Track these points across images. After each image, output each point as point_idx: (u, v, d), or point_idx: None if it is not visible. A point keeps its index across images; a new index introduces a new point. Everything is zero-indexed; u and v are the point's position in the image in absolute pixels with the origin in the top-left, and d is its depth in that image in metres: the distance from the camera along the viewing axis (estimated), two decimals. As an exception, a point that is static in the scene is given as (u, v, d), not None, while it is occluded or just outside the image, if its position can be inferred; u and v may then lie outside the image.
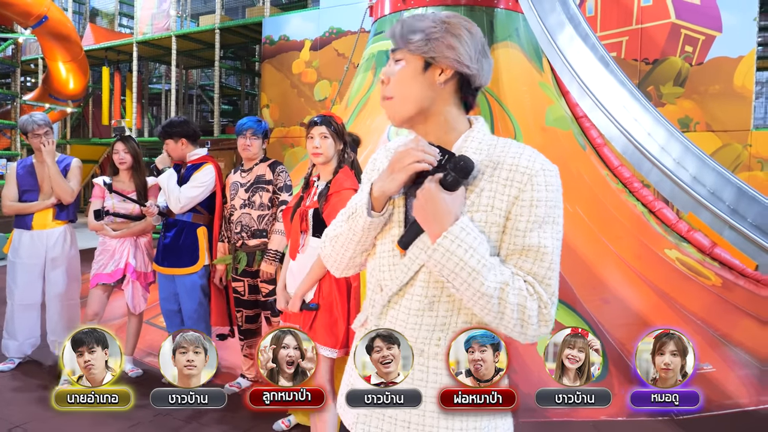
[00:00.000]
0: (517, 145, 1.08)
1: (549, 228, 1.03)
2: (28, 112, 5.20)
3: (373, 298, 1.15)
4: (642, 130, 3.92)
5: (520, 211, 1.03)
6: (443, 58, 1.07)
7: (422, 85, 1.09)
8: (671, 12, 6.26)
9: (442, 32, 1.07)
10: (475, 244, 1.00)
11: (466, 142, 1.09)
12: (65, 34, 9.43)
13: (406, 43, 1.09)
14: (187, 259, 3.24)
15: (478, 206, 1.04)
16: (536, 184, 1.02)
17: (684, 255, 4.89)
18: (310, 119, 2.43)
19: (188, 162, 3.34)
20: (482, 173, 1.06)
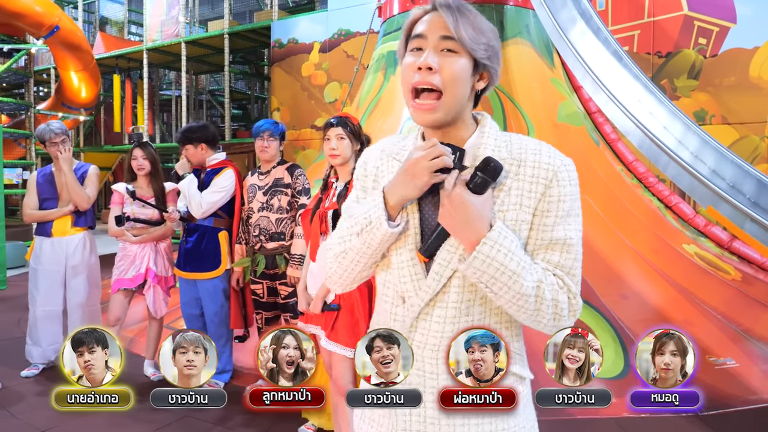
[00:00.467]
0: (533, 142, 1.07)
1: (573, 220, 1.04)
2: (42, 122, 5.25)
3: (394, 312, 1.08)
4: (658, 124, 3.88)
5: (547, 207, 1.03)
6: (492, 67, 1.06)
7: (468, 86, 1.05)
8: (684, 4, 6.19)
9: (497, 41, 1.06)
10: (513, 247, 0.98)
11: (482, 138, 1.07)
12: (76, 43, 9.52)
13: (472, 40, 1.02)
14: (210, 264, 3.27)
15: (508, 205, 1.03)
16: (561, 179, 1.03)
17: (702, 249, 4.83)
18: (326, 121, 2.43)
19: (207, 167, 3.36)
20: (508, 171, 1.04)
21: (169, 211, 3.28)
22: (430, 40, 1.03)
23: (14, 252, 6.85)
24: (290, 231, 3.08)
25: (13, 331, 4.36)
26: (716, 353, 3.30)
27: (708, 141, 3.63)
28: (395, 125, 5.22)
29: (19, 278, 5.96)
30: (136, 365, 3.69)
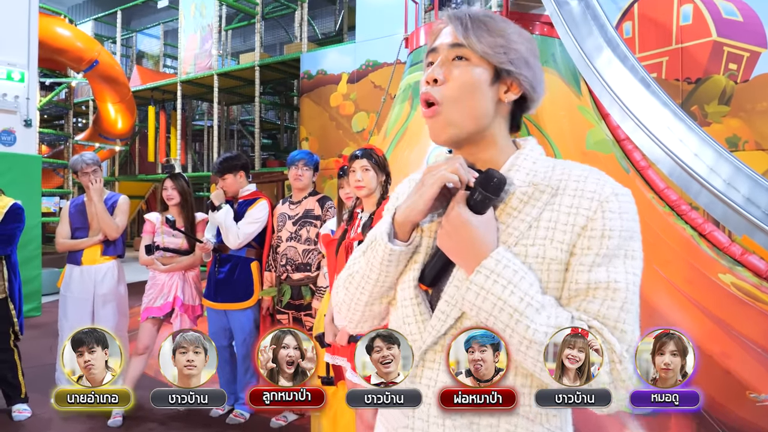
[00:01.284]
0: (580, 167, 0.91)
1: (621, 262, 0.85)
2: (80, 152, 5.43)
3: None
4: (688, 151, 3.81)
5: (588, 243, 0.86)
6: (519, 74, 0.91)
7: (487, 98, 0.91)
8: (712, 30, 6.13)
9: (524, 44, 0.92)
10: (516, 279, 0.84)
11: (518, 160, 0.93)
12: (114, 76, 9.91)
13: (482, 43, 0.90)
14: (243, 294, 3.30)
15: (534, 239, 0.87)
16: (608, 211, 0.85)
17: (739, 279, 4.68)
18: (351, 153, 2.46)
19: (240, 197, 3.40)
20: (537, 200, 0.89)
21: (204, 241, 3.34)
22: (440, 51, 0.93)
23: (50, 279, 7.03)
24: (317, 262, 3.10)
25: (45, 358, 4.44)
26: (757, 389, 3.16)
27: (741, 168, 3.54)
28: (422, 155, 5.25)
29: (53, 305, 6.09)
30: (148, 386, 3.70)
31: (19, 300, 3.40)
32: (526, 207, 0.89)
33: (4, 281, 3.31)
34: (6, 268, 3.33)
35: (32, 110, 6.21)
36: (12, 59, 6.01)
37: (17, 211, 3.33)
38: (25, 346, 3.59)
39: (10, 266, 3.35)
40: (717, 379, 3.24)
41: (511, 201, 0.90)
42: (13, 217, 3.30)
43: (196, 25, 11.06)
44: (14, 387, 3.41)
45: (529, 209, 0.89)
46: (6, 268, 3.33)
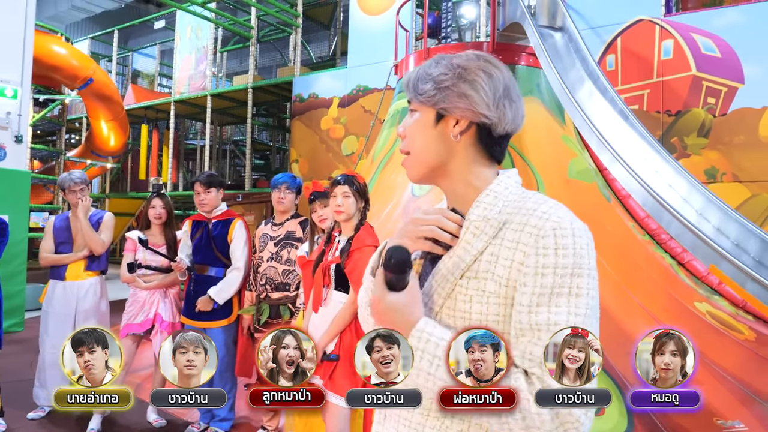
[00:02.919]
0: (535, 201, 0.92)
1: (565, 301, 0.85)
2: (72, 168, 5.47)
3: None
4: (663, 182, 3.93)
5: (524, 280, 0.86)
6: (454, 108, 0.95)
7: (435, 138, 0.97)
8: (692, 65, 6.32)
9: (453, 79, 0.96)
10: (439, 352, 0.87)
11: (482, 195, 0.96)
12: (108, 95, 10.01)
13: (416, 94, 0.99)
14: (221, 313, 3.33)
15: (476, 272, 0.91)
16: (542, 247, 0.86)
17: (715, 308, 4.76)
18: (333, 178, 2.54)
19: (213, 218, 3.44)
20: (485, 233, 0.92)
21: (177, 260, 3.37)
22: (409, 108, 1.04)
23: (34, 294, 7.00)
24: (296, 282, 3.16)
25: (25, 373, 4.43)
26: (724, 416, 3.22)
27: (712, 200, 3.66)
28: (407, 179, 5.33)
29: (36, 320, 6.06)
30: (141, 411, 3.72)
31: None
32: (475, 240, 0.92)
33: None
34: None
35: (24, 127, 6.28)
36: (6, 76, 6.10)
37: (1, 226, 3.36)
38: (5, 362, 3.60)
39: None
40: (685, 405, 3.30)
41: (466, 235, 0.94)
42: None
43: (191, 47, 11.22)
44: None
45: (476, 242, 0.92)
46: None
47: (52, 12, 19.98)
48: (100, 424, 3.39)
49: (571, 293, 0.85)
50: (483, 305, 0.90)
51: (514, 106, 0.97)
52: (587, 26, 6.84)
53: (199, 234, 3.45)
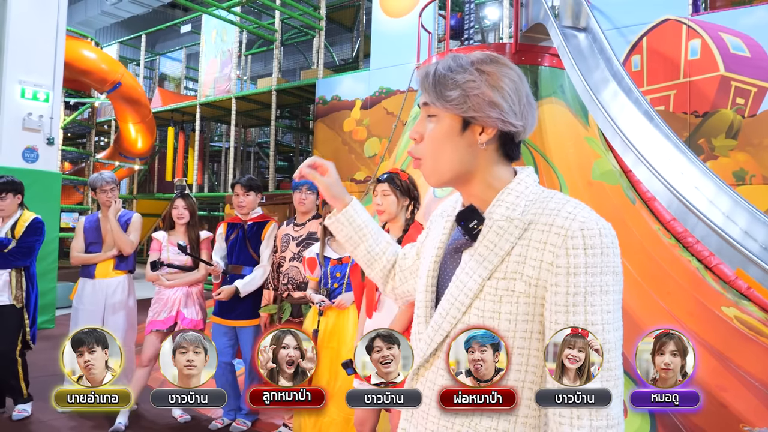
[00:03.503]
0: (558, 200, 0.94)
1: (598, 299, 0.87)
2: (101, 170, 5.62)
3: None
4: (689, 184, 3.87)
5: (556, 280, 0.89)
6: (486, 117, 0.95)
7: (460, 146, 0.97)
8: (720, 65, 6.21)
9: (482, 86, 0.95)
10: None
11: (502, 195, 0.97)
12: (136, 98, 10.22)
13: (440, 99, 0.96)
14: (252, 312, 3.44)
15: (505, 272, 0.93)
16: (571, 247, 0.88)
17: (743, 313, 4.66)
18: (378, 177, 2.47)
19: (249, 220, 3.58)
20: (511, 234, 0.93)
21: (214, 264, 3.46)
22: (422, 109, 1.02)
23: (64, 292, 7.20)
24: None
25: (56, 368, 4.56)
26: (751, 422, 3.16)
27: (740, 202, 3.59)
28: (429, 180, 5.34)
29: (66, 318, 6.23)
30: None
31: (34, 311, 3.54)
32: (500, 241, 0.94)
33: (22, 291, 3.47)
34: (24, 279, 3.48)
35: (55, 129, 6.46)
36: (38, 80, 6.28)
37: (38, 225, 3.51)
38: (37, 357, 3.71)
39: (28, 277, 3.51)
40: (711, 411, 3.24)
41: (489, 234, 0.95)
42: (34, 230, 3.49)
43: (216, 50, 11.39)
44: (17, 390, 3.56)
45: (502, 243, 0.93)
46: (24, 279, 3.48)
47: (82, 17, 20.47)
48: (128, 419, 3.47)
49: (602, 291, 0.87)
50: (513, 305, 0.92)
51: (533, 111, 0.99)
52: (612, 26, 6.77)
53: (234, 235, 3.58)
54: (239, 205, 3.55)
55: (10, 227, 3.49)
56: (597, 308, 0.87)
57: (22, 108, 6.17)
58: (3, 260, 3.43)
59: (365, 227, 1.25)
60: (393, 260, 1.28)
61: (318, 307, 2.76)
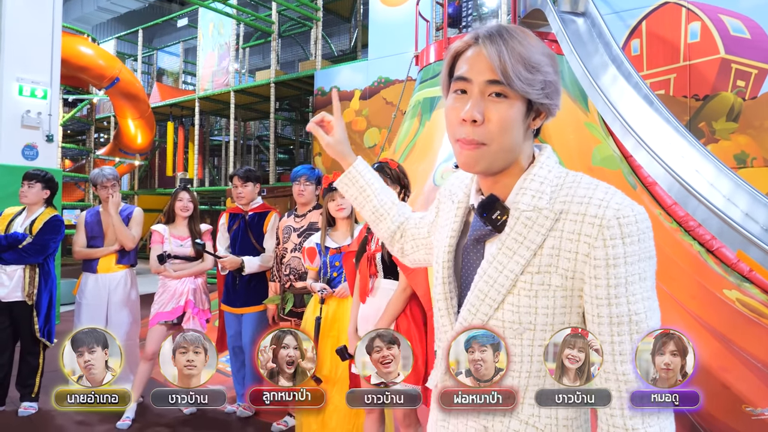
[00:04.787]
0: (586, 186, 0.89)
1: (637, 288, 0.86)
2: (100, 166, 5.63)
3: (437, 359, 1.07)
4: (689, 168, 3.86)
5: (595, 272, 0.86)
6: (553, 105, 0.91)
7: (521, 131, 0.91)
8: (720, 47, 6.17)
9: (554, 74, 0.90)
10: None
11: (525, 182, 0.93)
12: (134, 93, 10.20)
13: (518, 80, 0.87)
14: (257, 299, 3.50)
15: (539, 266, 0.89)
16: (609, 238, 0.84)
17: (746, 296, 4.67)
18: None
19: (250, 210, 3.61)
20: (541, 225, 0.89)
21: (223, 257, 3.48)
22: (475, 83, 0.90)
23: (69, 289, 7.23)
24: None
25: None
26: (753, 403, 3.17)
27: (740, 184, 3.58)
28: (429, 169, 5.35)
29: (70, 314, 6.26)
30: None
31: (49, 308, 3.57)
32: (530, 233, 0.90)
33: (34, 288, 3.48)
34: (38, 276, 3.50)
35: (54, 126, 6.45)
36: (36, 77, 6.27)
37: (56, 223, 3.53)
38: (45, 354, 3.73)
39: (42, 274, 3.52)
40: (713, 392, 3.26)
41: (516, 226, 0.91)
42: (51, 228, 3.51)
43: (214, 43, 11.36)
44: (29, 387, 3.58)
45: (533, 236, 0.89)
46: (38, 276, 3.50)
47: (78, 13, 20.40)
48: (135, 412, 3.50)
49: (641, 278, 0.86)
50: (549, 299, 0.89)
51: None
52: (611, 10, 6.72)
53: (236, 225, 3.61)
54: (238, 196, 3.58)
55: (30, 223, 3.51)
56: (638, 296, 0.86)
57: (21, 105, 6.17)
58: (17, 256, 3.45)
59: (368, 187, 1.27)
60: (399, 221, 1.29)
61: (319, 294, 2.77)
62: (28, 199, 3.55)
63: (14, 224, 3.52)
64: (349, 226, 2.86)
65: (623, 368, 0.88)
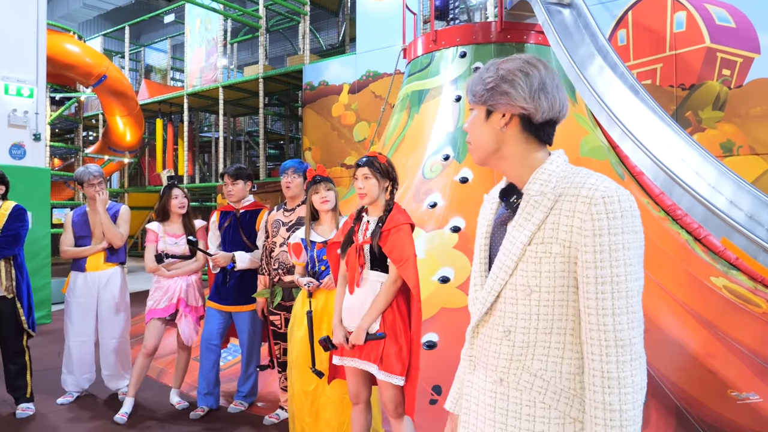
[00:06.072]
0: (583, 175, 1.11)
1: (621, 255, 1.04)
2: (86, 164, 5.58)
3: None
4: (675, 156, 3.89)
5: (584, 241, 1.06)
6: (498, 104, 1.16)
7: (487, 131, 1.19)
8: (705, 36, 6.21)
9: (496, 81, 1.16)
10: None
11: (536, 174, 1.16)
12: (122, 90, 10.12)
13: (471, 95, 1.22)
14: (248, 299, 3.50)
15: (542, 238, 1.11)
16: (595, 213, 1.05)
17: (733, 283, 4.72)
18: (357, 161, 2.53)
19: (241, 208, 3.61)
20: (545, 206, 1.12)
21: (213, 254, 3.48)
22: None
23: (59, 287, 7.21)
24: None
25: (54, 362, 4.60)
26: (738, 388, 3.22)
27: (725, 172, 3.62)
28: (418, 162, 5.36)
29: (62, 313, 6.25)
30: (164, 394, 3.84)
31: (29, 299, 3.53)
32: (536, 212, 1.12)
33: (12, 281, 3.44)
34: (13, 269, 3.46)
35: (41, 125, 6.41)
36: (22, 76, 6.22)
37: (19, 212, 3.46)
38: (35, 351, 3.73)
39: (17, 266, 3.48)
40: (699, 378, 3.31)
41: (527, 207, 1.14)
42: (16, 217, 3.43)
43: (201, 39, 11.29)
44: (21, 388, 3.54)
45: (538, 214, 1.12)
46: (13, 269, 3.46)
47: (64, 11, 20.19)
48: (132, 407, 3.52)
49: (624, 247, 1.04)
50: (551, 264, 1.10)
51: (549, 97, 1.15)
52: (597, 1, 6.75)
53: (227, 223, 3.61)
54: (229, 194, 3.58)
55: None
56: (620, 262, 1.04)
57: (7, 105, 6.12)
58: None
59: None
60: None
61: (306, 288, 2.79)
62: None
63: None
64: (333, 219, 2.87)
65: (604, 320, 1.04)
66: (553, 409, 1.10)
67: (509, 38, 5.54)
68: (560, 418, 1.10)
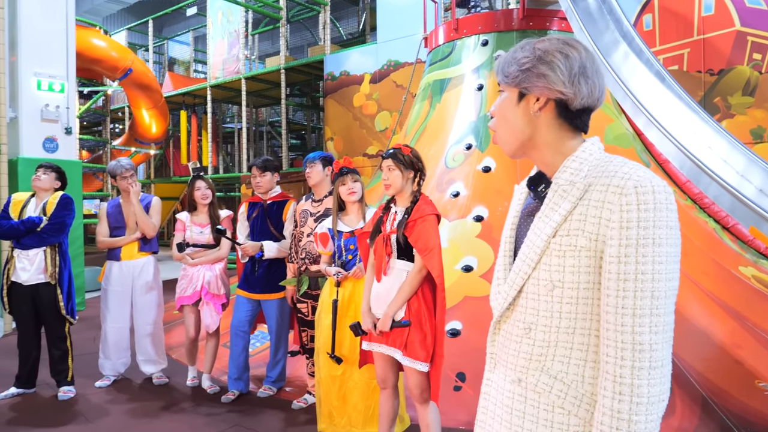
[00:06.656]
0: (616, 163, 1.00)
1: (648, 251, 0.92)
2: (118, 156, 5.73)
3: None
4: (702, 144, 3.84)
5: (611, 233, 0.96)
6: (534, 87, 1.06)
7: (519, 114, 1.09)
8: (735, 19, 6.07)
9: (534, 61, 1.06)
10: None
11: (567, 162, 1.06)
12: (147, 83, 10.29)
13: (503, 76, 1.11)
14: (277, 287, 3.61)
15: (568, 230, 1.01)
16: (625, 204, 0.94)
17: (762, 272, 4.65)
18: (383, 153, 2.59)
19: (269, 199, 3.70)
20: (573, 196, 1.02)
21: (242, 244, 3.57)
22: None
23: (93, 276, 7.42)
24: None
25: (90, 347, 4.77)
26: (766, 378, 3.20)
27: (755, 160, 3.56)
28: (441, 151, 5.36)
29: (96, 300, 6.45)
30: (182, 374, 4.06)
31: (69, 286, 3.68)
32: (563, 202, 1.03)
33: (56, 268, 3.60)
34: (58, 256, 3.62)
35: (72, 119, 6.57)
36: (53, 72, 6.37)
37: (66, 201, 3.65)
38: (72, 337, 3.88)
39: (61, 254, 3.65)
40: (725, 368, 3.29)
41: (554, 197, 1.05)
42: (63, 206, 3.63)
43: (223, 31, 11.38)
44: (63, 372, 3.71)
45: (566, 204, 1.02)
46: (58, 256, 3.62)
47: (88, 6, 20.50)
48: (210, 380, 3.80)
49: (654, 243, 0.92)
50: (576, 258, 1.00)
51: (589, 83, 1.05)
52: (622, -14, 6.61)
53: (255, 214, 3.70)
54: (257, 186, 3.66)
55: (42, 207, 3.62)
56: (648, 258, 0.92)
57: (40, 100, 6.28)
58: (37, 238, 3.56)
59: None
60: None
61: (335, 278, 2.85)
62: (42, 184, 3.64)
63: (27, 210, 3.63)
64: (360, 209, 2.93)
65: (623, 320, 0.94)
66: (572, 416, 1.02)
67: (531, 25, 5.48)
68: (580, 425, 1.01)
